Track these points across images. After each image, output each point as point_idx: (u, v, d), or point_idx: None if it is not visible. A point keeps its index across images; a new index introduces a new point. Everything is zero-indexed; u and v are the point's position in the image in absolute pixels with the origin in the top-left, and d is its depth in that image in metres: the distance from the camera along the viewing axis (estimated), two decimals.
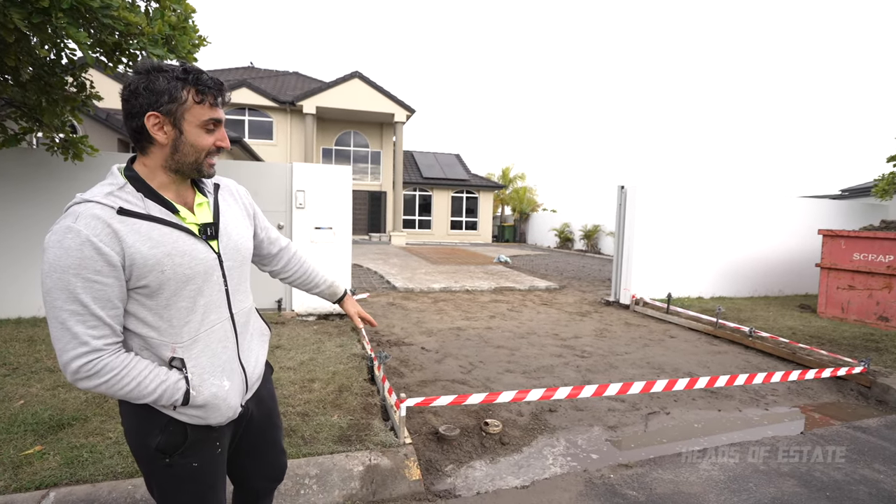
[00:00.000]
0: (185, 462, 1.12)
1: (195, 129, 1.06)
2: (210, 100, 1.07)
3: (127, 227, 0.99)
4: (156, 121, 1.03)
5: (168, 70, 1.03)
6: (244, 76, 20.16)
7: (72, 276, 0.93)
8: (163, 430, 1.09)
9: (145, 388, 1.02)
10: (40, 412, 2.66)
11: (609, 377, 4.06)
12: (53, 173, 4.76)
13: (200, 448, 1.14)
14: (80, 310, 0.94)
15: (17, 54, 3.41)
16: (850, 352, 4.69)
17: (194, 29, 3.92)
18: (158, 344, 1.07)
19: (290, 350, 4.09)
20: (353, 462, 2.35)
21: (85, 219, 0.95)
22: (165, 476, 1.13)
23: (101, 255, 0.95)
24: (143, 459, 1.13)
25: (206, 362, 1.12)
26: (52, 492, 1.99)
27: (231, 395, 1.17)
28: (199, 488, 1.17)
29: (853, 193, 12.64)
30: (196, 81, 1.04)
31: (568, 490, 2.37)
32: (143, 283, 1.01)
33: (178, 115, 1.04)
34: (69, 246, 0.93)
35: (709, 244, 7.78)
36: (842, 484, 2.49)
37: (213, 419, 1.13)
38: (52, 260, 0.93)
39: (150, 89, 1.02)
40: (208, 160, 1.11)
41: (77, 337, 0.95)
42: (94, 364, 0.96)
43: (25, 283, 4.72)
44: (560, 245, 22.25)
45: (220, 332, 1.16)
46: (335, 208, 5.58)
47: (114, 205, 0.99)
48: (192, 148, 1.07)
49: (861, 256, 6.18)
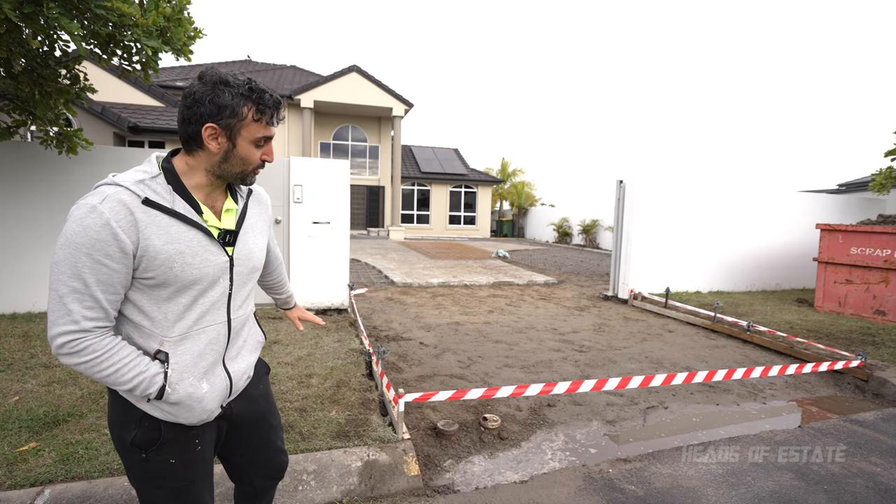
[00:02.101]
0: (161, 458, 1.12)
1: (247, 144, 1.10)
2: (267, 119, 1.10)
3: (148, 218, 1.01)
4: (212, 132, 1.06)
5: (234, 85, 1.06)
6: (241, 69, 20.01)
7: (83, 254, 0.95)
8: (138, 425, 1.09)
9: (122, 375, 1.01)
10: (35, 408, 2.64)
11: (607, 372, 4.06)
12: (48, 167, 4.71)
13: (177, 445, 1.14)
14: (80, 288, 0.96)
15: (9, 45, 3.35)
16: (847, 346, 4.71)
17: (189, 21, 3.87)
18: (149, 334, 1.07)
19: (288, 345, 4.07)
20: (351, 458, 2.35)
21: (110, 202, 0.97)
22: (142, 470, 1.13)
23: (116, 241, 0.97)
24: (122, 452, 1.13)
25: (190, 361, 1.12)
26: (48, 489, 1.97)
27: (208, 398, 1.15)
28: (176, 484, 1.16)
29: (851, 188, 12.65)
30: (259, 101, 1.08)
31: (567, 485, 2.37)
32: (149, 274, 1.03)
33: (234, 130, 1.08)
34: (88, 225, 0.95)
35: (707, 239, 7.78)
36: (839, 477, 2.49)
37: (183, 418, 1.12)
38: (70, 234, 0.95)
39: (215, 102, 1.05)
40: (255, 171, 1.16)
41: (70, 314, 0.96)
42: (78, 343, 0.97)
43: (20, 278, 4.69)
44: (558, 240, 22.26)
45: (212, 334, 1.16)
46: (333, 203, 5.54)
47: (141, 194, 1.02)
48: (241, 161, 1.11)
49: (858, 251, 6.19)
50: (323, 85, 18.16)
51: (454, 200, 23.48)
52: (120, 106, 10.52)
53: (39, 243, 4.73)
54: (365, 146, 21.17)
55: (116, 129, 9.66)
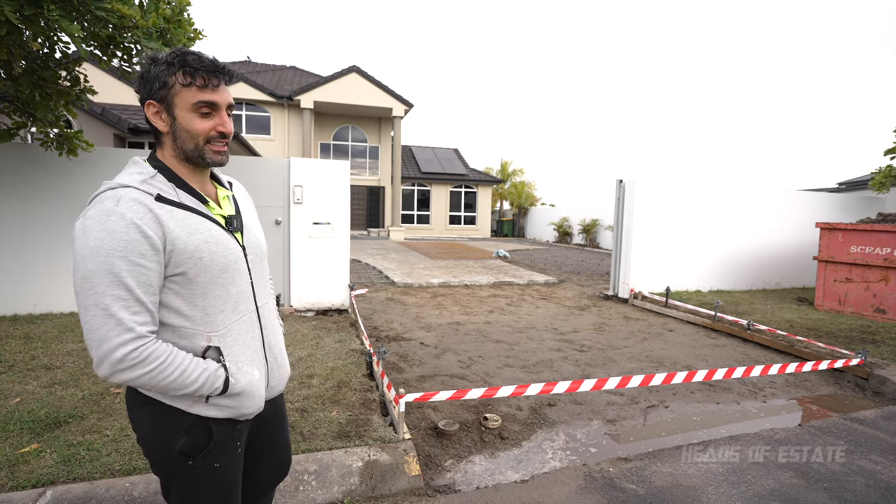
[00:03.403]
0: (207, 463, 1.09)
1: (186, 115, 1.03)
2: (199, 82, 1.02)
3: (166, 214, 0.98)
4: (154, 109, 1.03)
5: (162, 57, 1.02)
6: (241, 70, 19.99)
7: (117, 258, 0.90)
8: (187, 432, 1.06)
9: (188, 376, 0.98)
10: (36, 410, 2.65)
11: (608, 371, 4.06)
12: (48, 169, 4.72)
13: (223, 448, 1.12)
14: (124, 294, 0.91)
15: (10, 47, 3.36)
16: (847, 344, 4.71)
17: (189, 22, 3.88)
18: (192, 333, 1.04)
19: (289, 346, 4.07)
20: (352, 458, 2.35)
21: (127, 202, 0.93)
22: (187, 479, 1.09)
23: (146, 239, 0.93)
24: (163, 463, 1.09)
25: (240, 351, 1.11)
26: (49, 490, 1.98)
27: (260, 385, 1.15)
28: (220, 489, 1.13)
29: (850, 186, 12.65)
30: (182, 64, 1.00)
31: (567, 484, 2.37)
32: (180, 270, 0.99)
33: (169, 102, 1.02)
34: (114, 228, 0.90)
35: (707, 238, 7.78)
36: (839, 475, 2.49)
37: (246, 408, 1.11)
38: (95, 243, 0.90)
39: (146, 78, 1.02)
40: (210, 146, 1.06)
41: (122, 323, 0.91)
42: (141, 351, 0.93)
43: (21, 279, 4.70)
44: (559, 239, 22.26)
45: (248, 323, 1.15)
46: (333, 203, 5.55)
47: (152, 191, 0.99)
48: (187, 134, 1.04)
49: (858, 249, 6.19)
50: (323, 85, 18.17)
51: (454, 200, 23.48)
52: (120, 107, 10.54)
53: (39, 244, 4.74)
54: (365, 146, 21.18)
55: (117, 131, 9.67)
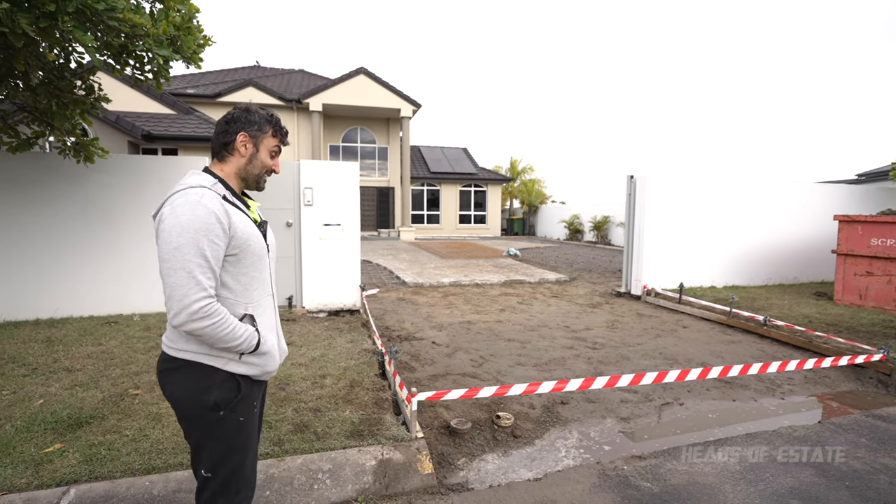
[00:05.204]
0: (234, 416, 1.36)
1: (265, 152, 1.48)
2: (280, 138, 1.51)
3: (230, 209, 1.33)
4: (244, 139, 1.44)
5: (263, 111, 1.48)
6: (250, 75, 20.22)
7: (202, 236, 1.23)
8: (219, 387, 1.33)
9: (237, 331, 1.30)
10: (59, 411, 2.72)
11: (621, 369, 4.03)
12: (64, 176, 4.83)
13: (246, 402, 1.40)
14: (203, 263, 1.23)
15: (27, 59, 3.45)
16: (868, 339, 4.61)
17: (199, 29, 3.93)
18: (234, 303, 1.36)
19: (302, 346, 4.11)
20: (365, 456, 2.37)
21: (209, 197, 1.28)
22: (217, 430, 1.35)
23: (220, 224, 1.27)
24: (197, 418, 1.34)
25: (265, 321, 1.44)
26: (73, 488, 2.03)
27: (276, 350, 1.48)
28: (243, 442, 1.40)
29: (870, 178, 12.36)
30: (276, 125, 1.50)
31: (581, 482, 2.36)
32: (235, 251, 1.33)
33: (258, 140, 1.46)
34: (200, 214, 1.24)
35: (721, 232, 7.67)
36: (862, 473, 2.44)
37: (269, 366, 1.43)
38: (186, 223, 1.22)
39: (248, 119, 1.44)
40: (265, 177, 1.51)
41: (200, 283, 1.22)
42: (210, 306, 1.24)
43: (41, 285, 4.81)
44: (570, 237, 22.11)
45: (268, 303, 1.48)
46: (343, 205, 5.59)
47: (219, 192, 1.34)
48: (260, 164, 1.47)
49: (879, 242, 6.05)
50: (331, 88, 18.28)
51: (464, 200, 23.46)
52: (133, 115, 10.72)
53: (59, 250, 4.85)
54: (374, 147, 21.26)
55: (130, 138, 9.85)
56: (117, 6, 3.11)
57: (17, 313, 4.75)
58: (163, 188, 5.12)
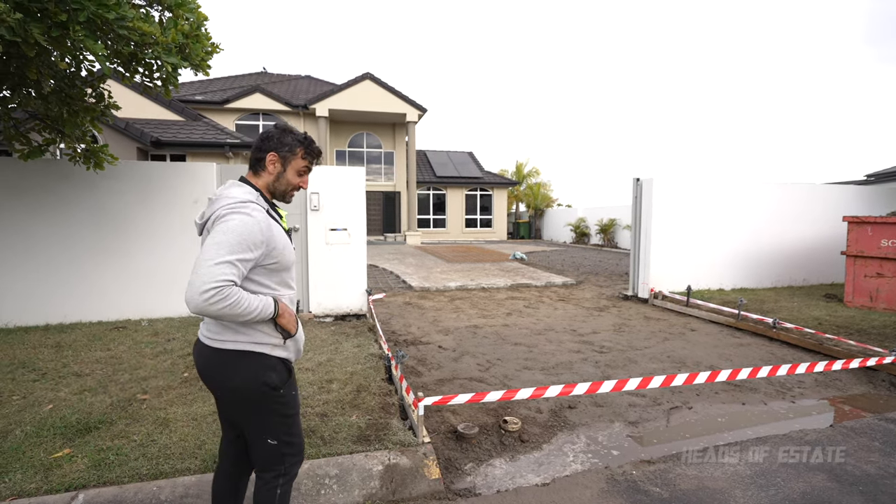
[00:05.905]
0: (289, 392, 1.59)
1: (293, 172, 1.62)
2: (310, 159, 1.64)
3: (271, 222, 1.50)
4: (273, 159, 1.58)
5: (297, 133, 1.62)
6: (257, 81, 20.40)
7: (244, 240, 1.40)
8: (274, 369, 1.54)
9: (250, 304, 1.41)
10: (68, 416, 2.74)
11: (629, 372, 4.00)
12: (74, 183, 4.89)
13: (293, 380, 1.63)
14: (235, 260, 1.38)
15: (39, 68, 3.50)
16: (880, 341, 4.54)
17: (207, 36, 3.98)
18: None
19: (308, 351, 4.12)
20: (372, 461, 2.36)
21: (258, 212, 1.46)
22: (280, 406, 1.56)
23: (261, 235, 1.44)
24: (260, 397, 1.51)
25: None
26: (81, 493, 2.04)
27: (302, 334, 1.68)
28: (296, 411, 1.64)
29: (879, 178, 12.22)
30: (308, 146, 1.62)
31: (589, 487, 2.34)
32: (274, 259, 1.51)
33: (287, 161, 1.59)
34: (248, 224, 1.42)
35: (728, 235, 7.61)
36: (875, 478, 2.40)
37: (301, 346, 1.68)
38: (236, 227, 1.40)
39: (281, 140, 1.58)
40: (291, 192, 1.67)
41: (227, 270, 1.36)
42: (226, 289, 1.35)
43: (51, 290, 4.87)
44: (576, 240, 22.04)
45: (294, 299, 1.68)
46: (350, 210, 5.61)
47: (265, 206, 1.52)
48: (286, 182, 1.62)
49: (889, 243, 5.97)
50: (337, 93, 18.40)
51: (470, 204, 23.47)
52: (142, 121, 10.85)
53: (69, 256, 4.91)
54: (380, 152, 21.35)
55: (140, 144, 9.96)
56: (127, 16, 3.15)
57: (28, 318, 4.81)
58: (171, 194, 5.17)
